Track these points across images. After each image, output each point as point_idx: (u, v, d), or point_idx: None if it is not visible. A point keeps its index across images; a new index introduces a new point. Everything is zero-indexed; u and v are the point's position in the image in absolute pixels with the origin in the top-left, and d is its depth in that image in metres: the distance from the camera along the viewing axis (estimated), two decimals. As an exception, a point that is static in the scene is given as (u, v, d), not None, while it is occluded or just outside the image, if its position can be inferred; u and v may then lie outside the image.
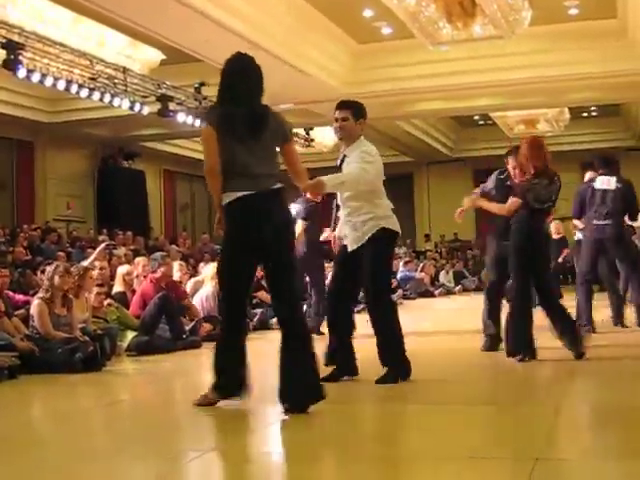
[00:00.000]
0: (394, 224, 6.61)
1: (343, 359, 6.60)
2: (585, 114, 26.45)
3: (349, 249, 6.55)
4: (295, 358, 5.25)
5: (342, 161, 6.60)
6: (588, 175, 10.28)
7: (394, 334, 6.51)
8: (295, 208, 10.85)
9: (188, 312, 10.96)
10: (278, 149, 5.53)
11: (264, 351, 6.23)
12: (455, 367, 7.75)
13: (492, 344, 8.33)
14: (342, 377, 6.52)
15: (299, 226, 10.82)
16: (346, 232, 6.62)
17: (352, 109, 6.62)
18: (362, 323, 7.20)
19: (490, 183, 8.73)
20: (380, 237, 6.47)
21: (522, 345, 7.42)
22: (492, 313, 8.40)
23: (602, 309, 10.55)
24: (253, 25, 13.92)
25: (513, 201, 7.52)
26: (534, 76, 17.36)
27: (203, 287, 11.91)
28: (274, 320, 12.78)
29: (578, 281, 10.10)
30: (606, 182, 9.55)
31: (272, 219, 5.29)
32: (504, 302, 8.32)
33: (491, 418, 5.23)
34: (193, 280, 12.49)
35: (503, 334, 7.87)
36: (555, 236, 14.77)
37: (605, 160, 9.89)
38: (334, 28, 16.94)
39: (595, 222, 9.50)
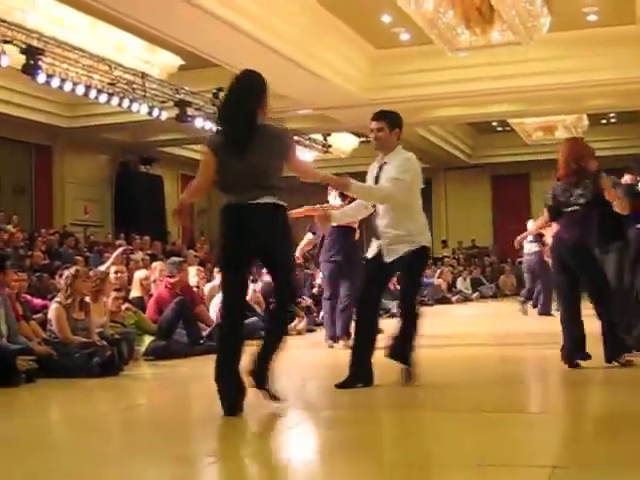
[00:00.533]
0: (429, 241, 6.79)
1: (360, 367, 6.61)
2: (604, 121, 26.35)
3: (387, 260, 6.59)
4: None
5: (380, 169, 6.66)
6: (626, 178, 10.10)
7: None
8: None
9: (201, 319, 10.87)
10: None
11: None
12: (470, 374, 7.71)
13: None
14: (356, 384, 6.52)
15: (306, 239, 10.81)
16: (383, 242, 6.65)
17: (387, 119, 6.72)
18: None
19: None
20: (418, 252, 6.60)
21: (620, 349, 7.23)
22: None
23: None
24: (271, 31, 13.96)
25: None
26: (552, 82, 17.33)
27: (219, 292, 11.90)
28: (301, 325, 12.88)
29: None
30: None
31: (248, 229, 5.45)
32: None
33: (504, 425, 5.20)
34: (209, 285, 12.50)
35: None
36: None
37: None
38: (352, 33, 16.97)
39: None
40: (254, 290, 12.87)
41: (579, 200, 7.22)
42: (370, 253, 6.78)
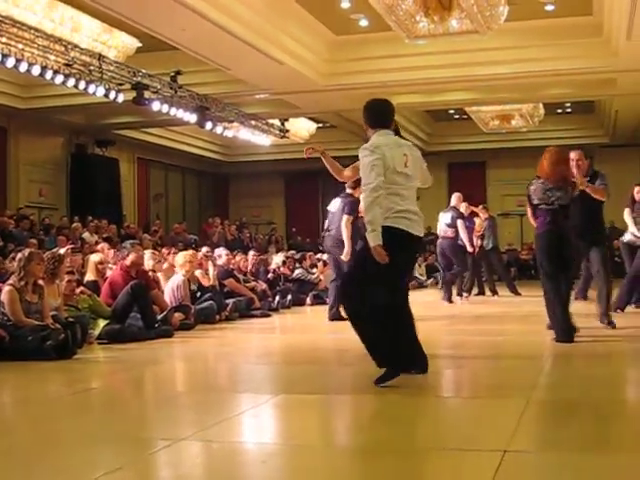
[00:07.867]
0: None
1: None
2: (560, 110, 26.59)
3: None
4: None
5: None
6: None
7: None
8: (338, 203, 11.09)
9: (156, 302, 10.82)
10: None
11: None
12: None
13: None
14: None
15: (345, 221, 10.88)
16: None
17: None
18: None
19: None
20: None
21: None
22: None
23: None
24: (230, 15, 13.90)
25: None
26: (509, 72, 17.46)
27: (174, 275, 11.88)
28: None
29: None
30: None
31: None
32: None
33: (460, 410, 5.25)
34: (164, 268, 12.48)
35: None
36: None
37: None
38: (311, 19, 16.90)
39: None
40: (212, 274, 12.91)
41: (551, 199, 8.25)
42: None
